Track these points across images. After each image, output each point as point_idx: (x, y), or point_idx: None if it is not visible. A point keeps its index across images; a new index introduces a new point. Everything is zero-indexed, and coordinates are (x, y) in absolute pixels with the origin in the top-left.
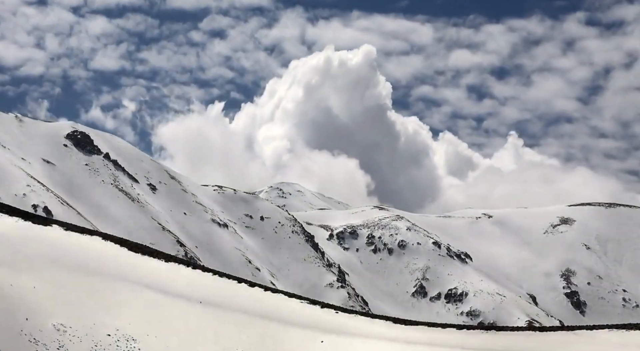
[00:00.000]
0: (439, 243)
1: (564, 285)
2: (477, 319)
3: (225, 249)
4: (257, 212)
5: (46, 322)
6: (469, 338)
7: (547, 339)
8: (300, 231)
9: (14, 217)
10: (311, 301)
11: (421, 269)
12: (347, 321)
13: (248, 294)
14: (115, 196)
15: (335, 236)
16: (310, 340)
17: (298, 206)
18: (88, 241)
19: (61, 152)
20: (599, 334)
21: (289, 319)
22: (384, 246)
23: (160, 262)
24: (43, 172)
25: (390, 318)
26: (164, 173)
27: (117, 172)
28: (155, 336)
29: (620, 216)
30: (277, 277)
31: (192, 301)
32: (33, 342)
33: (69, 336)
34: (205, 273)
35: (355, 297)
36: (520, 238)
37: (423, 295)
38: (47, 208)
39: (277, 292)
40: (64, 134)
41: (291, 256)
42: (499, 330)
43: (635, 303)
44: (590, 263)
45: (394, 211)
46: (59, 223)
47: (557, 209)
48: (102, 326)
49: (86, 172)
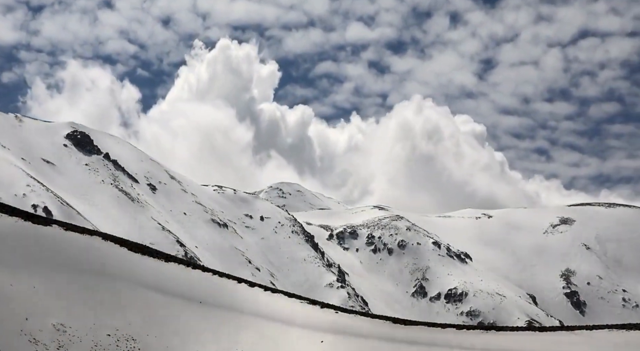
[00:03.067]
0: (439, 243)
1: (564, 285)
2: (477, 319)
3: (225, 249)
4: (257, 212)
5: (46, 322)
6: (469, 338)
7: (547, 339)
8: (300, 231)
9: (14, 217)
10: (311, 301)
11: (421, 269)
12: (347, 321)
13: (248, 294)
14: (115, 196)
15: (335, 236)
16: (310, 340)
17: (298, 206)
18: (88, 241)
19: (61, 152)
20: (598, 334)
21: (289, 319)
22: (383, 246)
23: (160, 262)
24: (43, 172)
25: (390, 318)
26: (164, 173)
27: (117, 172)
28: (155, 336)
29: (620, 216)
30: (277, 277)
31: (192, 301)
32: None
33: (69, 336)
34: (205, 273)
35: (355, 297)
36: (520, 238)
37: (423, 295)
38: (47, 208)
39: (277, 292)
40: (64, 134)
41: (291, 256)
42: (499, 330)
43: (635, 303)
44: (590, 263)
45: (394, 211)
46: (59, 223)
47: (557, 209)
48: (102, 326)
49: (86, 173)
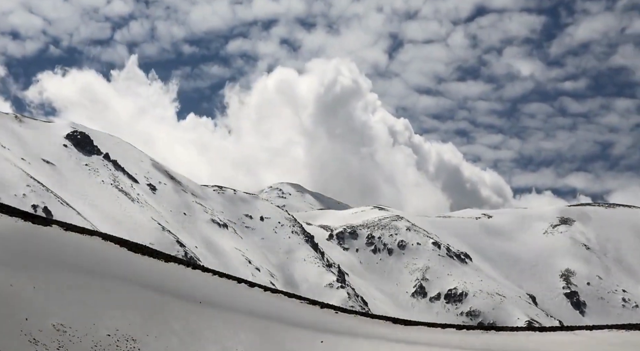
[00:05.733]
0: (438, 243)
1: (564, 285)
2: (477, 319)
3: (225, 249)
4: (257, 212)
5: (46, 322)
6: (469, 338)
7: (547, 339)
8: (300, 231)
9: (14, 217)
10: (311, 301)
11: (421, 270)
12: (347, 321)
13: (248, 294)
14: (115, 196)
15: (335, 236)
16: (310, 340)
17: (298, 206)
18: (88, 241)
19: (61, 152)
20: (598, 334)
21: (289, 319)
22: (383, 247)
23: (160, 262)
24: (43, 172)
25: (390, 318)
26: (164, 173)
27: (117, 172)
28: (155, 336)
29: (620, 216)
30: (277, 277)
31: (192, 301)
32: (33, 342)
33: (69, 336)
34: (205, 273)
35: (355, 297)
36: (520, 238)
37: (423, 295)
38: (47, 208)
39: (277, 292)
40: (64, 134)
41: (291, 256)
42: (498, 330)
43: (635, 303)
44: (590, 263)
45: (394, 211)
46: (59, 223)
47: (557, 209)
48: (102, 326)
49: (86, 173)
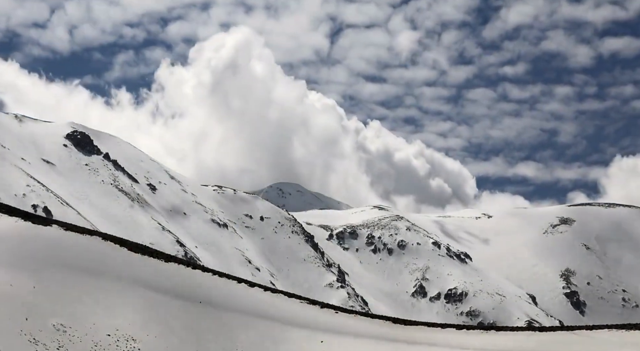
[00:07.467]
0: (438, 243)
1: (564, 285)
2: (477, 319)
3: (225, 249)
4: (257, 212)
5: (46, 322)
6: (469, 338)
7: (547, 339)
8: (300, 231)
9: (14, 217)
10: (311, 301)
11: (421, 269)
12: (347, 321)
13: (248, 294)
14: (115, 196)
15: (335, 236)
16: (310, 340)
17: (298, 206)
18: (88, 241)
19: (61, 152)
20: (598, 334)
21: (289, 319)
22: (383, 246)
23: (160, 262)
24: (43, 172)
25: (390, 318)
26: (164, 173)
27: (117, 172)
28: (155, 336)
29: (620, 216)
30: (277, 277)
31: (192, 301)
32: (33, 342)
33: (69, 336)
34: (205, 273)
35: (355, 297)
36: (519, 238)
37: (423, 295)
38: (47, 208)
39: (277, 292)
40: (64, 134)
41: (291, 256)
42: (499, 330)
43: (635, 303)
44: (590, 263)
45: (394, 211)
46: (59, 223)
47: (557, 209)
48: (102, 326)
49: (86, 173)
